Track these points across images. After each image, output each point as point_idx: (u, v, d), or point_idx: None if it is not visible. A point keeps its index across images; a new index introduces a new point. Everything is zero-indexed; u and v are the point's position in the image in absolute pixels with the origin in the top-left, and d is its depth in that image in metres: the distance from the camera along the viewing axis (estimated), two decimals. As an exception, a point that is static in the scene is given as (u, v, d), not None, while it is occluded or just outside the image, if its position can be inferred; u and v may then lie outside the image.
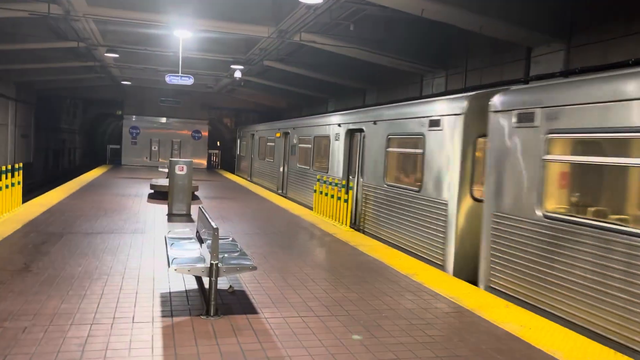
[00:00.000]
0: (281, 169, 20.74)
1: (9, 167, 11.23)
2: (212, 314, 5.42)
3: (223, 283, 6.47)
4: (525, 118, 6.86)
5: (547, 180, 6.51)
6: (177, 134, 33.77)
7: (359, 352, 4.68)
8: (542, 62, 11.57)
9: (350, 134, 13.67)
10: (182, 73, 18.52)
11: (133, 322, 5.12)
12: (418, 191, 9.75)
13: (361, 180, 12.53)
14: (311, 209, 14.89)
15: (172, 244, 6.61)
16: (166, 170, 16.67)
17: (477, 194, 8.51)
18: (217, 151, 38.69)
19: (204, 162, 34.18)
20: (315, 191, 14.09)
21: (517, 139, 7.01)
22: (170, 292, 6.17)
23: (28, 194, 21.43)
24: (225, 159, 38.11)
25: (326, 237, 10.50)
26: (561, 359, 4.76)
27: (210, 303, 5.44)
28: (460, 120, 8.59)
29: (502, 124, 7.30)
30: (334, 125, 14.70)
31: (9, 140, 24.89)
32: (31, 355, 4.26)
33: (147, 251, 8.32)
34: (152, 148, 33.37)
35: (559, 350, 4.97)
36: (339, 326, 5.34)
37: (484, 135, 8.01)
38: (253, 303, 5.95)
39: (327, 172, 14.84)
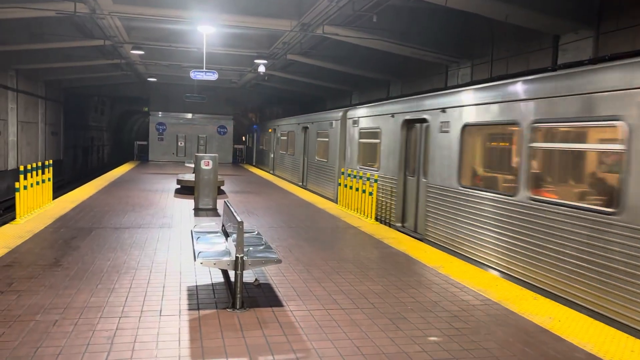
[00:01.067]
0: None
1: (40, 164, 11.47)
2: (238, 307, 5.45)
3: (249, 276, 6.50)
4: (355, 123, 14.67)
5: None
6: (203, 129, 34.09)
7: (385, 345, 4.66)
8: (571, 50, 11.31)
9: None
10: (206, 68, 18.65)
11: (160, 315, 5.19)
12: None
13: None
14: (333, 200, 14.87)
15: (198, 238, 6.67)
16: (192, 165, 16.82)
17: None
18: (242, 146, 38.97)
19: (230, 156, 34.48)
20: (340, 184, 14.03)
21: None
22: (196, 286, 6.23)
23: (58, 190, 21.92)
24: (249, 153, 38.39)
25: (351, 229, 10.48)
26: (591, 351, 4.66)
27: (236, 296, 5.48)
28: None
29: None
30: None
31: (40, 137, 25.45)
32: (61, 347, 4.34)
33: (174, 245, 8.42)
34: (179, 144, 33.75)
35: (589, 342, 4.87)
36: (364, 319, 5.32)
37: None
38: (278, 296, 5.98)
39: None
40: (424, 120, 11.04)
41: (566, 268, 6.60)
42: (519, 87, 7.86)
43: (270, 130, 28.52)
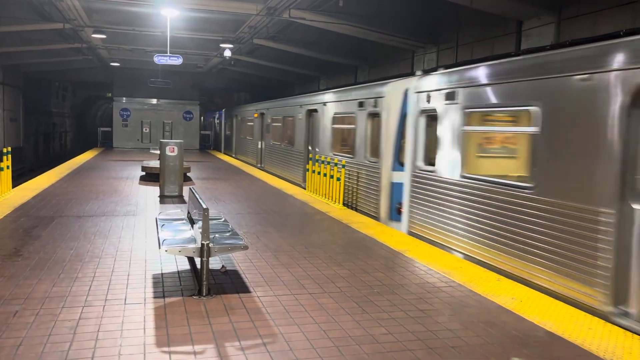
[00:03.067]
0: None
1: (-3, 151, 11.13)
2: (204, 294, 5.42)
3: (215, 263, 6.47)
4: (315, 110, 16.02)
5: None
6: (169, 114, 33.54)
7: (351, 328, 4.70)
8: (534, 35, 11.49)
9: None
10: (170, 53, 18.31)
11: (125, 304, 5.12)
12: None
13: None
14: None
15: (163, 225, 6.59)
16: (158, 152, 16.58)
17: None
18: (208, 132, 38.53)
19: (196, 143, 34.05)
20: (307, 170, 14.04)
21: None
22: (162, 274, 6.16)
23: (19, 178, 21.32)
24: (217, 139, 38.03)
25: (319, 215, 10.50)
26: (550, 329, 4.80)
27: (202, 283, 5.44)
28: None
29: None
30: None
31: (-2, 124, 24.66)
32: (22, 339, 4.25)
33: (139, 233, 8.30)
34: (144, 130, 33.15)
35: (549, 321, 5.02)
36: (331, 303, 5.36)
37: None
38: (245, 282, 5.96)
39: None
40: (316, 110, 15.32)
41: None
42: (354, 92, 12.54)
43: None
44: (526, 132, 6.56)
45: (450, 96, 8.31)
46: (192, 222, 6.79)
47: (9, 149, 12.20)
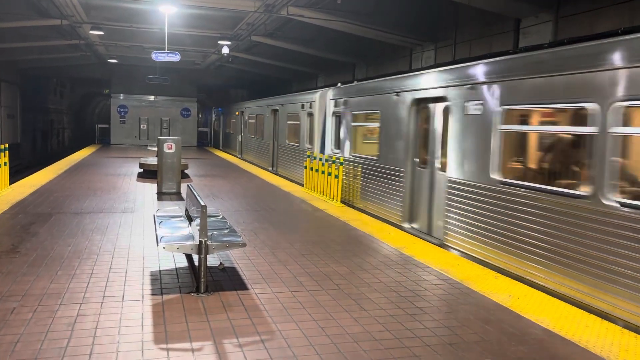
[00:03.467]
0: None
1: (-5, 148, 11.10)
2: (202, 291, 5.43)
3: (213, 260, 6.47)
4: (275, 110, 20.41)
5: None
6: (166, 111, 33.46)
7: (349, 325, 4.71)
8: (532, 33, 11.50)
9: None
10: (168, 50, 18.27)
11: (123, 301, 5.12)
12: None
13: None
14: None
15: (160, 222, 6.59)
16: (155, 149, 16.56)
17: None
18: (207, 129, 38.46)
19: (194, 140, 34.01)
20: (305, 167, 14.05)
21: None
22: (160, 271, 6.17)
23: (16, 175, 21.26)
24: (216, 137, 37.97)
25: (317, 212, 10.51)
26: (547, 327, 4.82)
27: (200, 280, 5.45)
28: None
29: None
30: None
31: (-5, 121, 24.59)
32: (20, 335, 4.25)
33: (137, 230, 8.30)
34: (141, 127, 33.08)
35: (546, 318, 5.04)
36: (329, 300, 5.37)
37: None
38: (243, 279, 5.97)
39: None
40: (277, 110, 19.64)
41: None
42: (300, 96, 16.83)
43: (237, 113, 28.42)
44: (375, 127, 11.37)
45: (345, 103, 13.04)
46: (190, 219, 6.79)
47: (6, 145, 12.18)
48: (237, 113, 27.93)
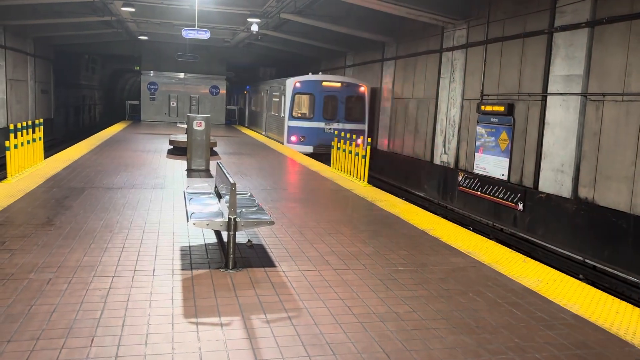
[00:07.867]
0: None
1: (30, 122, 11.35)
2: (230, 267, 5.51)
3: (241, 237, 6.55)
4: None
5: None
6: (195, 89, 33.66)
7: (375, 305, 4.73)
8: (568, 12, 11.16)
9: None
10: (198, 27, 18.30)
11: (153, 275, 5.23)
12: None
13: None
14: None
15: (190, 198, 6.67)
16: (185, 126, 16.73)
17: None
18: (235, 107, 38.61)
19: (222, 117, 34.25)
20: (333, 147, 14.03)
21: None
22: (189, 246, 6.27)
23: (50, 149, 21.76)
24: (242, 114, 38.11)
25: (344, 192, 10.52)
26: (577, 312, 4.77)
27: (229, 256, 5.53)
28: None
29: None
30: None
31: (30, 96, 25.09)
32: (56, 305, 4.39)
33: (167, 206, 8.43)
34: (171, 104, 33.37)
35: (575, 304, 4.98)
36: (355, 279, 5.39)
37: None
38: (271, 257, 6.03)
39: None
40: (267, 90, 25.36)
41: None
42: (279, 80, 23.99)
43: (262, 92, 28.60)
44: None
45: (303, 85, 20.50)
46: (219, 196, 6.87)
47: (41, 120, 12.43)
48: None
